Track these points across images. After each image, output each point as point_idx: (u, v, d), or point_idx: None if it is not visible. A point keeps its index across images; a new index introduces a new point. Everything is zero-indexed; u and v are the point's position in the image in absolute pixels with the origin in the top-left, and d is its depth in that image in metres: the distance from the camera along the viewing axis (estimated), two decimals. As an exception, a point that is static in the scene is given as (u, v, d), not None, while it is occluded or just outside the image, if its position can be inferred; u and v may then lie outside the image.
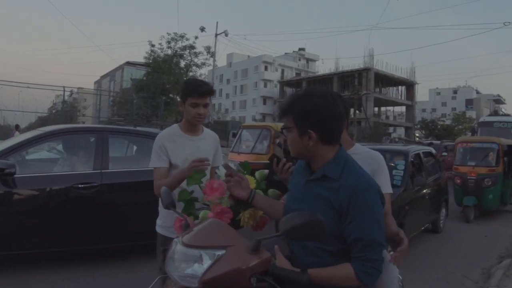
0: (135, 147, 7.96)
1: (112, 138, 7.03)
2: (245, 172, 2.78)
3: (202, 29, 39.07)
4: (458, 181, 12.80)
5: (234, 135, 20.48)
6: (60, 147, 7.83)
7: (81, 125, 13.51)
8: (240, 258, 1.94)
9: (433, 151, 11.45)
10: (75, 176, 6.37)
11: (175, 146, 3.47)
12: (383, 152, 8.72)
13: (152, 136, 6.82)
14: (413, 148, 9.83)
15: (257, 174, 2.83)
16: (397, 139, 43.27)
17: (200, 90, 3.41)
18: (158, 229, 3.58)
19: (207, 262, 1.94)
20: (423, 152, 10.10)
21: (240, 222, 2.61)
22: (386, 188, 2.91)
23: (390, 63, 71.19)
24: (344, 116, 2.36)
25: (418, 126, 63.35)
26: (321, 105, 2.17)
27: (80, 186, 6.22)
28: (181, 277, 1.99)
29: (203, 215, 2.56)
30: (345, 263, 2.05)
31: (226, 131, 36.06)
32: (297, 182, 2.37)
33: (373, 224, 2.05)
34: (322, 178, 2.19)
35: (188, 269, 1.97)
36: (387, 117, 72.79)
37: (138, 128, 8.00)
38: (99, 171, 6.47)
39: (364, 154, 2.99)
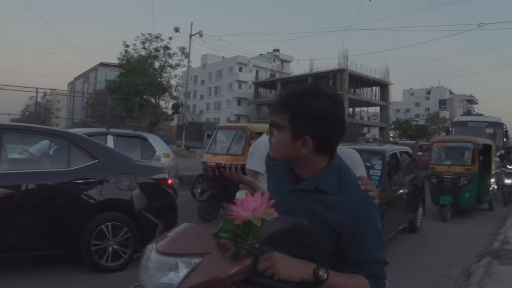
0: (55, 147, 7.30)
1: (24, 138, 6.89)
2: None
3: (177, 30, 38.73)
4: (435, 180, 12.84)
5: (209, 136, 20.39)
6: None
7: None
8: (219, 266, 1.79)
9: (410, 150, 11.46)
10: None
11: None
12: (359, 152, 8.64)
13: (59, 135, 6.66)
14: (390, 148, 9.83)
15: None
16: (371, 139, 43.64)
17: None
18: None
19: (183, 271, 1.80)
20: (399, 152, 10.11)
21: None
22: None
23: (364, 64, 71.50)
24: (346, 124, 2.02)
25: (392, 126, 63.86)
26: (328, 110, 1.83)
27: None
28: (156, 287, 1.85)
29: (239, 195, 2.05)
30: (360, 276, 1.84)
31: (201, 132, 36.05)
32: (280, 189, 2.03)
33: (379, 244, 1.88)
34: (314, 190, 1.89)
35: (163, 278, 1.83)
36: (361, 118, 73.26)
37: (43, 127, 7.55)
38: None
39: (340, 153, 2.85)
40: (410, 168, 10.59)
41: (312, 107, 1.83)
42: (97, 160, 6.53)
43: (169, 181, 7.30)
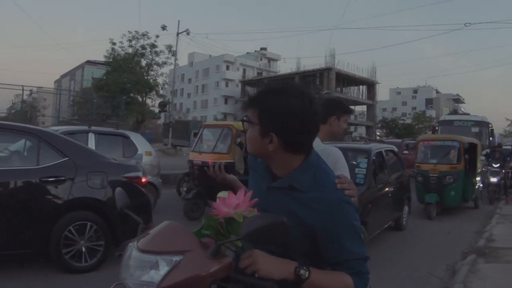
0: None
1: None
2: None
3: (164, 28, 38.74)
4: (420, 178, 12.90)
5: (195, 134, 20.33)
6: None
7: None
8: (199, 264, 1.77)
9: (395, 149, 11.48)
10: None
11: None
12: (345, 150, 8.58)
13: (28, 133, 6.53)
14: (376, 147, 9.86)
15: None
16: (358, 138, 43.76)
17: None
18: None
19: (164, 269, 1.77)
20: (385, 150, 10.14)
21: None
22: None
23: (351, 63, 71.78)
24: (319, 123, 2.01)
25: (379, 125, 64.14)
26: (293, 107, 1.82)
27: None
28: (137, 285, 1.81)
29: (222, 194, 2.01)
30: (343, 273, 1.84)
31: (188, 130, 35.86)
32: (258, 187, 2.04)
33: (358, 241, 1.87)
34: (289, 188, 1.90)
35: (144, 276, 1.80)
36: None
37: (12, 123, 7.40)
38: None
39: (322, 151, 2.81)
40: (395, 167, 10.62)
41: (277, 104, 1.84)
42: (67, 158, 6.39)
43: (143, 180, 7.20)
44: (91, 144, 9.85)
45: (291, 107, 1.82)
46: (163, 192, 12.06)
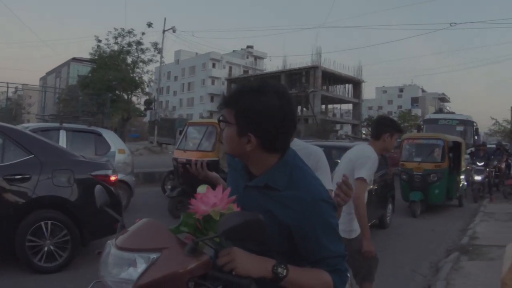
0: None
1: None
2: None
3: (150, 25, 38.61)
4: (405, 177, 12.96)
5: (181, 132, 20.27)
6: None
7: None
8: (177, 261, 1.75)
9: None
10: None
11: None
12: (329, 148, 8.57)
13: None
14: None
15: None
16: (344, 136, 43.93)
17: None
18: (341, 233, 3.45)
19: (141, 266, 1.75)
20: (369, 149, 10.02)
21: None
22: (327, 184, 2.75)
23: (337, 61, 72.15)
24: (296, 122, 2.02)
25: (365, 123, 64.38)
26: (271, 106, 1.80)
27: None
28: (115, 282, 1.80)
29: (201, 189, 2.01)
30: (321, 270, 1.83)
31: (173, 128, 35.74)
32: (236, 185, 2.03)
33: (336, 238, 1.88)
34: (264, 187, 1.89)
35: (123, 274, 1.79)
36: (334, 115, 73.81)
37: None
38: None
39: (303, 150, 2.80)
40: (379, 165, 10.58)
41: (254, 104, 1.82)
42: (32, 155, 6.24)
43: (112, 178, 7.05)
44: (62, 141, 9.73)
45: (269, 107, 1.81)
46: (148, 190, 12.03)
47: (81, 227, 6.35)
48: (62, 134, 10.08)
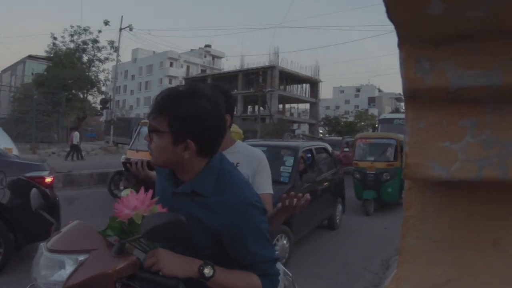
0: None
1: None
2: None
3: (106, 23, 38.23)
4: (358, 176, 13.10)
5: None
6: None
7: None
8: (105, 262, 1.75)
9: (328, 147, 11.42)
10: None
11: None
12: (272, 148, 8.52)
13: None
14: (304, 144, 9.72)
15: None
16: (301, 136, 44.20)
17: None
18: None
19: (70, 268, 1.75)
20: (316, 148, 10.03)
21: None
22: (267, 188, 2.76)
23: (295, 61, 72.82)
24: (226, 125, 2.04)
25: (322, 123, 64.96)
26: (208, 111, 1.78)
27: None
28: (46, 284, 1.78)
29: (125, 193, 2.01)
30: (250, 273, 1.83)
31: (130, 128, 35.40)
32: (164, 191, 1.99)
33: (265, 243, 1.86)
34: (191, 193, 1.85)
35: (53, 276, 1.78)
36: (291, 114, 74.15)
37: None
38: None
39: (245, 153, 2.80)
40: (328, 165, 10.58)
41: (192, 108, 1.77)
42: None
43: (48, 180, 6.67)
44: None
45: (205, 111, 1.78)
46: (101, 191, 11.81)
47: (15, 230, 6.06)
48: None
